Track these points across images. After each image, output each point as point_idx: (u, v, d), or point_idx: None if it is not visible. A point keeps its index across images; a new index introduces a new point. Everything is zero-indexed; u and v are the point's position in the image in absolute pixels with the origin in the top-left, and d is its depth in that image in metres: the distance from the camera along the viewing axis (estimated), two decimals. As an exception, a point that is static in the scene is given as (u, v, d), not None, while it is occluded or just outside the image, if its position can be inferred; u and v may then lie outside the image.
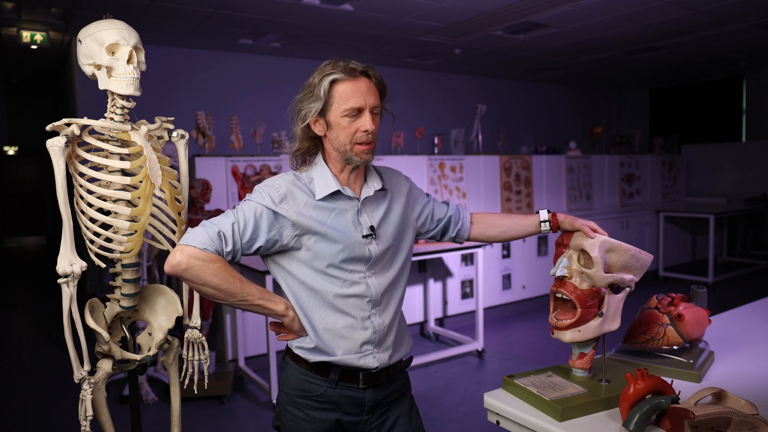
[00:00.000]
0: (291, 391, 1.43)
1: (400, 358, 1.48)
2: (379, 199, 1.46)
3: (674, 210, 6.73)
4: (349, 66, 1.34)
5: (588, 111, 9.19)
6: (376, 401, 1.44)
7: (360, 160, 1.37)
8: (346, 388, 1.40)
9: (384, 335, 1.42)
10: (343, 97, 1.32)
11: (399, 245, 1.47)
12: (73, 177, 1.60)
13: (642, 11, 4.72)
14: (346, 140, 1.35)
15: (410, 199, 1.55)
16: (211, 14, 4.54)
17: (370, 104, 1.34)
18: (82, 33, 1.56)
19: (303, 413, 1.42)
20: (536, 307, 5.64)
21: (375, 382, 1.42)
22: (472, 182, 5.56)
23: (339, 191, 1.38)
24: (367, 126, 1.33)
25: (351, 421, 1.43)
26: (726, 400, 1.17)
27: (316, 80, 1.34)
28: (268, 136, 5.07)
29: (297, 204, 1.35)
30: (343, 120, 1.33)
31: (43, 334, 5.18)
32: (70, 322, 1.55)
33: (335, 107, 1.33)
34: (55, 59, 6.33)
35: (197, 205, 3.73)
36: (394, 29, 5.11)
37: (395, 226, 1.46)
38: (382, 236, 1.42)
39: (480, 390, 3.65)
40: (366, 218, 1.41)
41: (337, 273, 1.37)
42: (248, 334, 4.05)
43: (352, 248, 1.37)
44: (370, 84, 1.35)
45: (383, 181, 1.49)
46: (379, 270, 1.42)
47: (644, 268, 1.37)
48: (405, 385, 1.54)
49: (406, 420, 1.50)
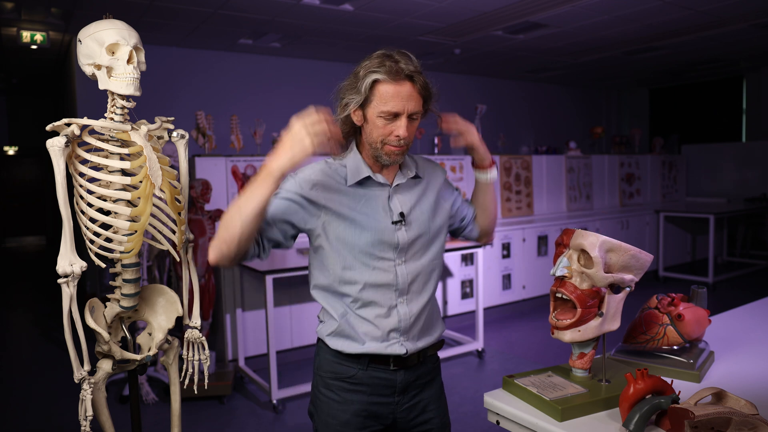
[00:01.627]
0: (324, 374, 1.46)
1: (429, 343, 1.48)
2: (412, 186, 1.47)
3: (674, 210, 6.73)
4: (395, 67, 1.31)
5: (588, 111, 9.19)
6: (407, 382, 1.45)
7: (388, 161, 1.38)
8: (377, 369, 1.42)
9: (410, 324, 1.42)
10: (383, 99, 1.31)
11: (432, 233, 1.47)
12: (73, 177, 1.60)
13: (642, 11, 4.72)
14: (377, 139, 1.35)
15: (445, 190, 1.56)
16: (211, 14, 4.54)
17: (408, 110, 1.33)
18: (82, 33, 1.56)
19: (336, 395, 1.43)
20: (536, 307, 5.64)
21: (406, 364, 1.44)
22: (472, 182, 5.56)
23: (370, 177, 1.39)
24: (400, 132, 1.33)
25: (383, 402, 1.44)
26: (726, 400, 1.17)
27: (361, 74, 1.33)
28: (268, 136, 5.06)
29: (328, 190, 1.37)
30: (378, 120, 1.33)
31: (43, 334, 5.18)
32: (70, 322, 1.55)
33: (374, 105, 1.33)
34: (55, 59, 6.33)
35: (197, 205, 3.72)
36: (394, 29, 5.11)
37: (428, 213, 1.47)
38: (412, 223, 1.43)
39: (480, 390, 3.65)
40: (397, 204, 1.42)
41: (366, 260, 1.38)
42: (248, 334, 4.05)
43: (381, 234, 1.38)
44: (413, 89, 1.33)
45: (418, 169, 1.49)
46: (410, 258, 1.42)
47: (644, 268, 1.37)
48: (436, 368, 1.55)
49: (435, 406, 1.52)
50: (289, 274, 3.44)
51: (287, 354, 4.18)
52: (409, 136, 1.36)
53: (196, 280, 1.89)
